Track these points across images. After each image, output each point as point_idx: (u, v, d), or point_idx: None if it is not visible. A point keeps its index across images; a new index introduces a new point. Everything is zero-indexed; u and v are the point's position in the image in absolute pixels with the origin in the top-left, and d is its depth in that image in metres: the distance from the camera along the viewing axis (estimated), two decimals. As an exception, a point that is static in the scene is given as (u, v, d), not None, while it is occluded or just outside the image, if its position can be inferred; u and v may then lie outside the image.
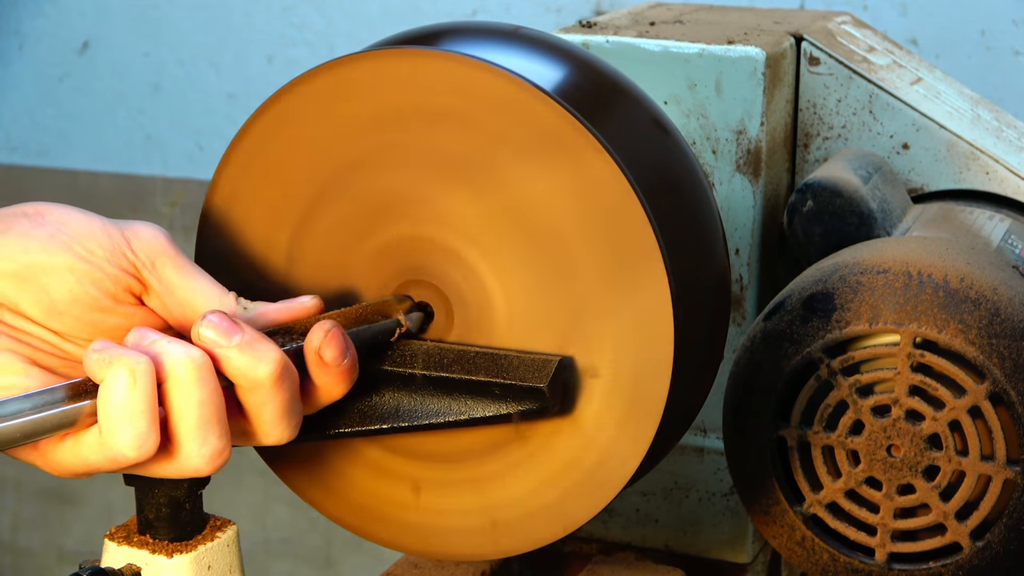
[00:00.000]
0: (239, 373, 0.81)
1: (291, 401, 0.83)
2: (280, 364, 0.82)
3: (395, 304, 0.90)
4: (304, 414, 0.86)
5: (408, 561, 1.17)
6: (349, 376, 0.85)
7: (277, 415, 0.83)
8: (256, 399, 0.82)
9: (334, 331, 0.84)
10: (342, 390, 0.86)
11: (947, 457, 0.99)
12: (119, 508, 2.56)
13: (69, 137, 2.48)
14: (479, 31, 0.95)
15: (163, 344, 0.80)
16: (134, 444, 0.78)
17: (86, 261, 0.84)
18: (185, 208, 2.43)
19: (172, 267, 0.87)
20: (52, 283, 0.84)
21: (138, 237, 0.86)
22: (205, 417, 0.80)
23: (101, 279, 0.85)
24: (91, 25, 2.42)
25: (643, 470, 0.90)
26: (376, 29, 2.24)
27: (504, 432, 0.90)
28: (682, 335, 0.87)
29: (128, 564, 0.92)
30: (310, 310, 0.87)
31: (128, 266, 0.86)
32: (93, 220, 0.86)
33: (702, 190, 0.94)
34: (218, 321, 0.81)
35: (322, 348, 0.84)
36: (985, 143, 1.23)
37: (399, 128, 0.88)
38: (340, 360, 0.84)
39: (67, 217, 0.86)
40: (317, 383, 0.85)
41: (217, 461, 0.81)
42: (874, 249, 1.04)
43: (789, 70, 1.23)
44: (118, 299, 0.86)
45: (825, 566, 1.03)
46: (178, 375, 0.79)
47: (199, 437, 0.80)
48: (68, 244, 0.84)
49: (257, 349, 0.81)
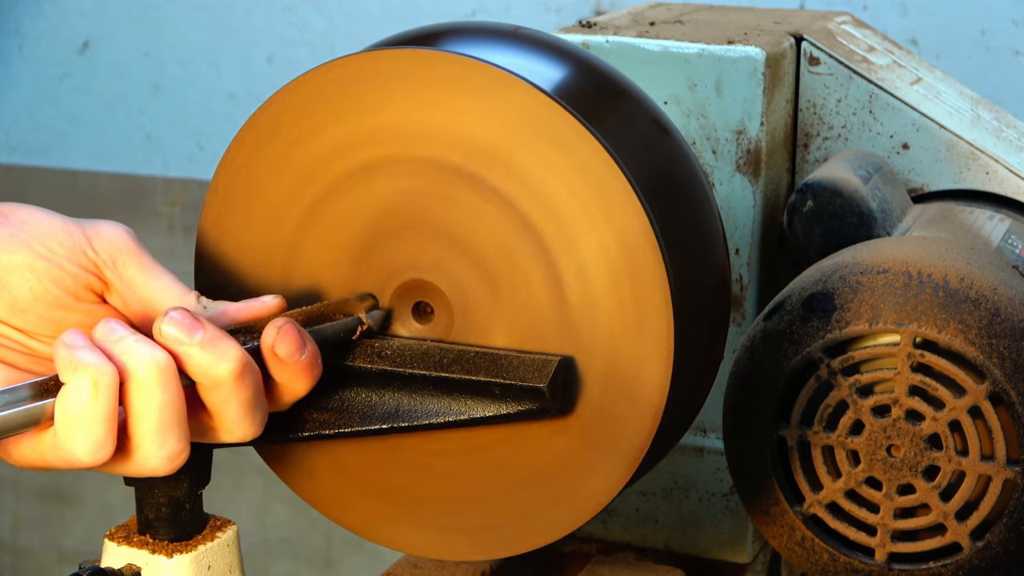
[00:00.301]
0: (200, 371, 0.81)
1: (254, 399, 0.83)
2: (241, 362, 0.82)
3: (356, 302, 0.90)
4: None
5: (408, 561, 1.17)
6: (309, 372, 0.85)
7: (239, 413, 0.83)
8: (218, 397, 0.82)
9: (287, 327, 0.84)
10: (304, 386, 0.86)
11: (947, 457, 0.99)
12: (119, 508, 2.56)
13: (69, 137, 2.48)
14: (479, 31, 0.95)
15: (130, 342, 0.80)
16: (89, 451, 0.79)
17: (46, 259, 0.85)
18: (185, 208, 2.43)
19: (134, 265, 0.87)
20: (13, 281, 0.85)
21: (100, 236, 0.87)
22: (165, 420, 0.80)
23: (61, 277, 0.86)
24: (91, 25, 2.42)
25: (643, 470, 0.90)
26: (376, 29, 2.24)
27: (503, 431, 0.90)
28: (682, 335, 0.87)
29: (128, 564, 0.92)
30: (271, 309, 0.88)
31: (89, 264, 0.86)
32: (55, 219, 0.87)
33: (702, 190, 0.94)
34: (180, 318, 0.81)
35: (276, 344, 0.84)
36: (985, 143, 1.23)
37: (399, 128, 0.88)
38: (295, 356, 0.84)
39: (29, 216, 0.86)
40: (277, 380, 0.85)
41: (175, 462, 0.82)
42: (874, 249, 1.04)
43: (789, 70, 1.23)
44: (79, 297, 0.87)
45: (825, 566, 1.03)
46: (141, 377, 0.80)
47: (158, 439, 0.81)
48: (28, 243, 0.85)
49: (218, 347, 0.81)
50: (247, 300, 0.88)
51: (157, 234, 2.45)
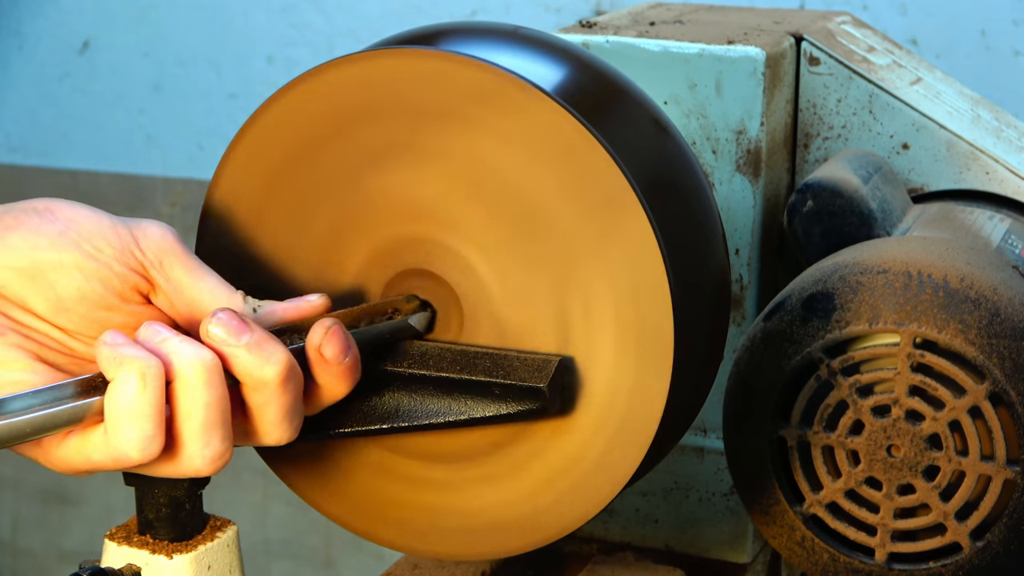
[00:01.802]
0: (246, 372, 0.81)
1: (295, 402, 0.83)
2: (287, 365, 0.82)
3: (402, 303, 0.90)
4: (306, 415, 0.86)
5: (408, 561, 1.17)
6: (351, 375, 0.85)
7: (280, 416, 0.83)
8: (261, 399, 0.82)
9: (335, 328, 0.84)
10: (344, 389, 0.85)
11: (947, 457, 0.99)
12: (119, 508, 2.56)
13: (69, 137, 2.48)
14: (479, 31, 0.95)
15: (174, 343, 0.80)
16: (139, 446, 0.78)
17: (94, 259, 0.85)
18: (185, 208, 2.43)
19: (180, 266, 0.87)
20: (60, 280, 0.84)
21: (146, 236, 0.86)
22: (211, 420, 0.80)
23: (109, 277, 0.85)
24: (91, 25, 2.42)
25: (643, 470, 0.90)
26: (376, 29, 2.24)
27: (503, 432, 0.90)
28: (682, 335, 0.87)
29: (128, 564, 0.92)
30: (318, 308, 0.87)
31: (136, 265, 0.86)
32: (102, 218, 0.86)
33: (702, 190, 0.94)
34: (227, 319, 0.81)
35: (323, 345, 0.84)
36: (985, 143, 1.23)
37: (399, 128, 0.88)
38: (341, 358, 0.84)
39: (76, 214, 0.86)
40: (319, 381, 0.85)
41: (219, 463, 0.81)
42: (874, 249, 1.04)
43: (789, 70, 1.23)
44: (125, 298, 0.86)
45: (825, 566, 1.03)
46: (187, 376, 0.79)
47: (203, 439, 0.80)
48: (77, 242, 0.85)
49: (265, 349, 0.81)
50: (294, 299, 0.88)
51: (157, 234, 2.44)
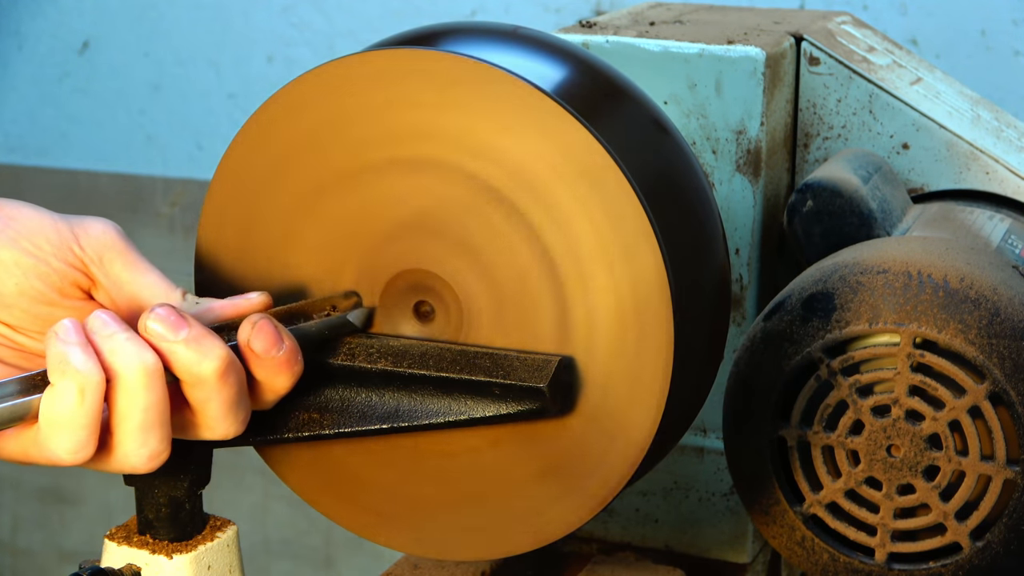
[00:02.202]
0: (184, 368, 0.82)
1: (237, 396, 0.84)
2: (225, 360, 0.82)
3: (340, 300, 0.90)
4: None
5: (408, 561, 1.17)
6: (288, 368, 0.85)
7: (222, 410, 0.83)
8: (201, 394, 0.83)
9: (261, 323, 0.84)
10: (284, 382, 0.86)
11: (947, 457, 0.99)
12: (119, 508, 2.56)
13: (69, 137, 2.48)
14: (479, 31, 0.95)
15: (120, 340, 0.81)
16: (70, 451, 0.80)
17: (32, 256, 0.86)
18: (185, 208, 2.43)
19: (120, 262, 0.88)
20: (0, 277, 0.86)
21: (87, 233, 0.88)
22: (148, 421, 0.81)
23: (47, 273, 0.86)
24: (91, 25, 2.42)
25: (643, 470, 0.90)
26: (376, 29, 2.24)
27: (503, 432, 0.90)
28: (682, 335, 0.87)
29: (128, 564, 0.92)
30: (257, 305, 0.88)
31: (75, 261, 0.87)
32: (43, 215, 0.88)
33: (702, 190, 0.94)
34: (165, 315, 0.82)
35: (251, 340, 0.84)
36: (985, 143, 1.23)
37: (399, 127, 0.88)
38: (271, 351, 0.84)
39: (17, 213, 0.87)
40: (256, 376, 0.85)
41: (155, 461, 0.82)
42: (874, 249, 1.04)
43: (789, 70, 1.23)
44: (65, 293, 0.87)
45: (825, 566, 1.03)
46: (127, 379, 0.80)
47: (139, 439, 0.81)
48: (15, 239, 0.86)
49: (203, 344, 0.82)
50: (233, 297, 0.88)
51: (157, 234, 2.45)
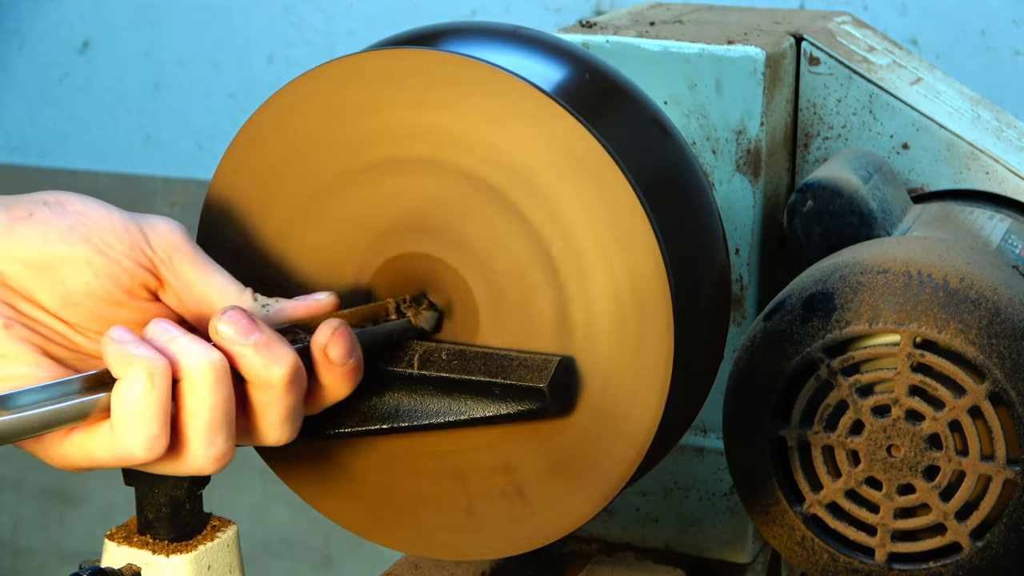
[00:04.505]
0: (253, 372, 0.81)
1: (297, 403, 0.83)
2: (293, 367, 0.81)
3: (409, 303, 0.90)
4: (307, 414, 0.86)
5: (408, 561, 1.17)
6: (354, 376, 0.85)
7: (282, 416, 0.83)
8: (265, 399, 0.82)
9: (342, 329, 0.84)
10: (346, 390, 0.85)
11: (947, 457, 0.99)
12: (119, 508, 2.56)
13: (69, 137, 2.48)
14: (479, 31, 0.95)
15: (183, 342, 0.80)
16: (144, 445, 0.79)
17: (104, 255, 0.85)
18: (185, 208, 2.43)
19: (189, 263, 0.87)
20: (69, 274, 0.84)
21: (156, 232, 0.86)
22: (216, 420, 0.80)
23: (118, 273, 0.85)
24: (91, 25, 2.42)
25: (643, 470, 0.90)
26: (376, 29, 2.24)
27: (503, 431, 0.90)
28: (682, 334, 0.87)
29: (128, 564, 0.92)
30: (326, 307, 0.87)
31: (146, 261, 0.86)
32: (113, 213, 0.86)
33: (702, 190, 0.94)
34: (236, 318, 0.81)
35: (329, 346, 0.83)
36: (985, 143, 1.23)
37: (399, 127, 0.88)
38: (345, 359, 0.84)
39: (87, 209, 0.86)
40: (322, 382, 0.85)
41: (222, 462, 0.81)
42: (874, 249, 1.04)
43: (789, 70, 1.23)
44: (133, 294, 0.86)
45: (825, 566, 1.03)
46: (194, 377, 0.79)
47: (207, 438, 0.80)
48: (87, 236, 0.84)
49: (273, 350, 0.81)
50: (303, 297, 0.87)
51: (157, 234, 2.44)
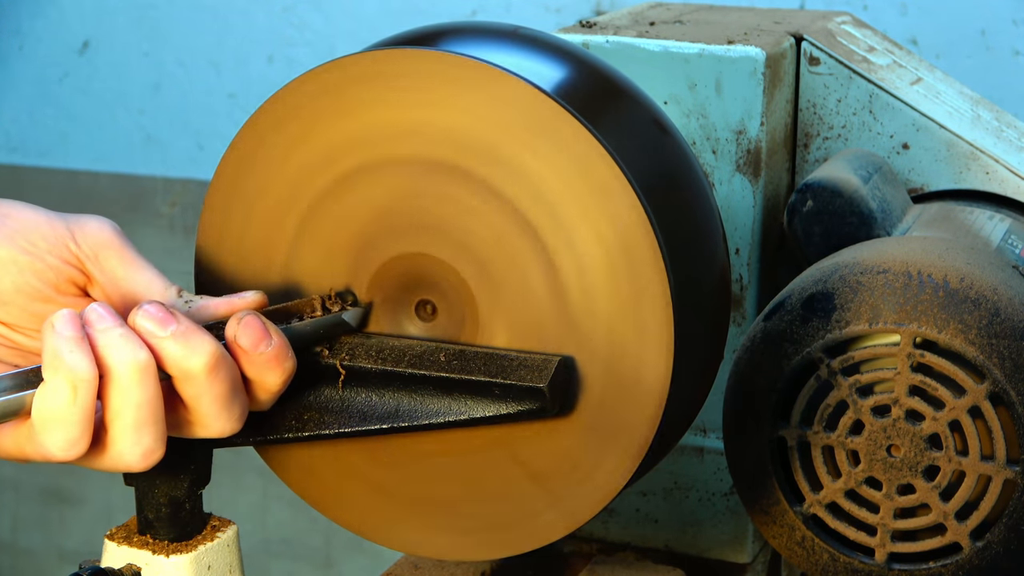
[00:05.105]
0: (174, 364, 0.82)
1: (229, 393, 0.84)
2: (214, 355, 0.82)
3: (335, 298, 0.91)
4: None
5: (408, 561, 1.17)
6: (277, 365, 0.85)
7: (215, 407, 0.84)
8: (192, 390, 0.83)
9: (248, 318, 0.85)
10: (274, 379, 0.86)
11: (947, 457, 0.99)
12: (119, 508, 2.56)
13: (69, 137, 2.48)
14: (479, 31, 0.95)
15: (114, 335, 0.81)
16: (63, 447, 0.81)
17: (28, 253, 0.87)
18: (185, 208, 2.43)
19: (116, 259, 0.89)
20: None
21: (83, 230, 0.89)
22: (142, 418, 0.81)
23: (43, 270, 0.87)
24: (91, 25, 2.42)
25: (643, 470, 0.90)
26: (376, 29, 2.24)
27: (504, 431, 0.90)
28: (682, 335, 0.87)
29: (128, 564, 0.92)
30: (251, 304, 0.89)
31: (71, 258, 0.88)
32: (39, 214, 0.89)
33: (702, 190, 0.94)
34: (154, 311, 0.82)
35: (238, 336, 0.84)
36: (985, 143, 1.23)
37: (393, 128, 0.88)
38: (258, 347, 0.84)
39: (13, 211, 0.88)
40: (247, 373, 0.85)
41: (150, 459, 0.83)
42: (874, 249, 1.04)
43: (789, 70, 1.23)
44: (61, 290, 0.88)
45: (825, 566, 1.03)
46: (120, 376, 0.81)
47: (133, 436, 0.82)
48: (12, 237, 0.87)
49: (191, 340, 0.82)
50: (228, 295, 0.89)
51: (157, 234, 2.45)
